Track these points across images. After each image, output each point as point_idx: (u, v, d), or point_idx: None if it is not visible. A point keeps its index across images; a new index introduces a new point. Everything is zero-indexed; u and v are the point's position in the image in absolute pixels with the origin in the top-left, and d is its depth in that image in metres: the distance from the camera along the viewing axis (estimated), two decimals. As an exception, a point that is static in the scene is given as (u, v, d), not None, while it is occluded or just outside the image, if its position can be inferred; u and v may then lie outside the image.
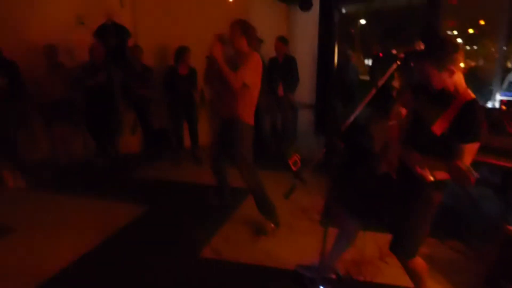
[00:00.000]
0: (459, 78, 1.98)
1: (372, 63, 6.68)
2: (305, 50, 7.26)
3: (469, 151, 1.93)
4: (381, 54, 6.12)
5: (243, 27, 3.35)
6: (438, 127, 1.95)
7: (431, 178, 1.83)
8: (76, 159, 5.27)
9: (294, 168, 1.80)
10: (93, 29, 5.47)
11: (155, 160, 5.67)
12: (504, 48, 6.08)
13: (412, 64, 4.64)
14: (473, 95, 1.97)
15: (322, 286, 2.44)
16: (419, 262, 2.28)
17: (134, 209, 3.96)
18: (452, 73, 1.93)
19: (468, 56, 8.60)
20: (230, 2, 6.34)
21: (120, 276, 2.86)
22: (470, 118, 1.92)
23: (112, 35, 5.53)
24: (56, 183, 4.70)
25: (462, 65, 1.96)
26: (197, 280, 2.82)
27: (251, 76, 3.27)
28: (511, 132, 3.04)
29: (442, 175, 1.85)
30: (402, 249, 2.24)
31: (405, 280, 2.47)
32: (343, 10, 7.94)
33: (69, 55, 5.30)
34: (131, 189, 4.67)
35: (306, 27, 7.29)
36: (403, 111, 2.23)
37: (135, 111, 5.65)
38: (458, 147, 1.93)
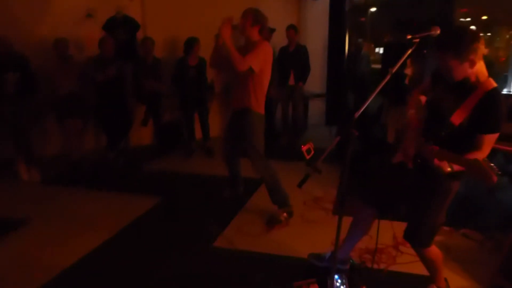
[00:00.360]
0: (480, 67, 1.92)
1: (384, 50, 6.59)
2: (316, 40, 7.19)
3: (488, 142, 1.90)
4: (394, 41, 6.03)
5: (255, 16, 3.31)
6: (457, 117, 1.90)
7: (449, 169, 1.79)
8: (88, 153, 5.31)
9: (307, 156, 1.78)
10: (102, 22, 5.48)
11: (167, 153, 5.70)
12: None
13: (425, 51, 4.56)
14: (495, 84, 1.91)
15: (337, 275, 2.43)
16: (434, 250, 2.26)
17: (146, 202, 3.98)
18: (473, 63, 1.86)
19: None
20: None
21: (135, 267, 2.88)
22: (491, 108, 1.87)
23: (121, 28, 5.54)
24: (69, 177, 4.75)
25: (484, 52, 1.89)
26: (211, 269, 2.83)
27: (259, 62, 3.22)
28: (528, 119, 2.98)
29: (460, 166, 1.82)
30: (417, 238, 2.22)
31: (420, 268, 2.46)
32: (354, -2, 7.84)
33: (78, 48, 5.33)
34: (143, 181, 4.70)
35: (317, 16, 7.21)
36: (423, 98, 2.19)
37: (145, 104, 5.66)
38: (478, 137, 1.89)
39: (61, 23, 5.19)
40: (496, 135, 1.91)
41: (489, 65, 1.98)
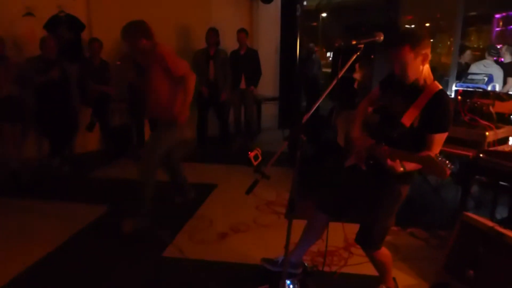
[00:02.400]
0: (427, 71, 2.01)
1: (333, 55, 6.74)
2: (267, 43, 7.23)
3: (438, 141, 1.96)
4: (338, 44, 6.19)
5: (136, 29, 3.26)
6: (408, 118, 1.96)
7: (401, 169, 1.84)
8: (29, 160, 4.99)
9: (254, 163, 1.75)
10: (43, 20, 5.19)
11: (115, 159, 5.48)
12: (459, 41, 6.30)
13: (372, 56, 4.69)
14: (440, 86, 1.99)
15: (289, 280, 2.42)
16: (384, 252, 2.32)
17: (94, 210, 3.81)
18: (426, 58, 1.95)
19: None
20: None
21: (80, 280, 2.73)
22: (440, 108, 1.93)
23: (64, 28, 5.27)
24: (8, 187, 4.44)
25: (429, 57, 1.98)
26: (160, 280, 2.73)
27: (158, 73, 3.27)
28: (467, 121, 3.13)
29: (412, 166, 1.87)
30: (368, 241, 2.26)
31: (370, 269, 2.49)
32: (304, 3, 7.96)
33: (17, 48, 5.00)
34: (90, 190, 4.48)
35: (269, 20, 7.25)
36: (369, 109, 2.27)
37: (92, 108, 5.41)
38: (428, 137, 1.96)
39: (-3, 21, 4.86)
40: (445, 134, 1.97)
41: (432, 70, 2.05)
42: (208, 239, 3.32)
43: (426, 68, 2.00)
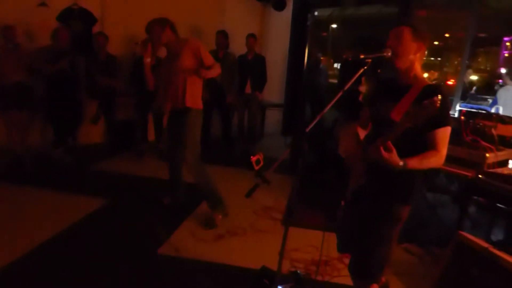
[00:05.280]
0: (418, 68, 1.98)
1: (341, 67, 6.78)
2: (276, 50, 7.27)
3: (442, 138, 1.85)
4: (350, 58, 6.22)
5: (159, 22, 3.42)
6: (397, 113, 1.86)
7: (401, 163, 1.74)
8: (33, 147, 5.03)
9: (256, 167, 1.77)
10: (57, 12, 5.24)
11: (117, 153, 5.51)
12: (467, 61, 6.33)
13: (379, 71, 4.72)
14: (431, 83, 1.94)
15: (280, 286, 2.43)
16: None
17: (92, 203, 3.83)
18: (419, 48, 1.93)
19: (432, 67, 8.88)
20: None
21: (75, 270, 2.75)
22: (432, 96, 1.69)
23: (77, 20, 5.33)
24: (11, 173, 4.47)
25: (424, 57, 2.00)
26: (154, 278, 2.75)
27: (189, 61, 3.39)
28: (468, 141, 3.15)
29: (414, 162, 1.79)
30: (364, 273, 2.10)
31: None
32: (316, 13, 8.01)
33: (29, 37, 5.06)
34: (90, 182, 4.51)
35: (279, 27, 7.29)
36: (361, 132, 2.23)
37: (98, 101, 5.46)
38: (429, 136, 1.85)
39: (12, 10, 4.92)
40: (447, 129, 1.86)
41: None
42: (204, 239, 3.33)
43: (418, 65, 1.98)
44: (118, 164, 5.13)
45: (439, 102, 1.55)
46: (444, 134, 1.85)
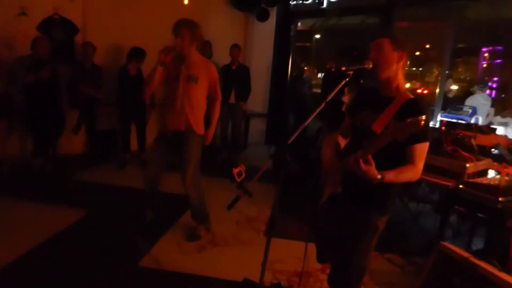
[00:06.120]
0: (401, 78, 2.00)
1: (324, 77, 6.84)
2: (260, 60, 7.31)
3: (420, 153, 1.86)
4: (333, 70, 6.28)
5: (192, 31, 3.16)
6: (378, 125, 1.87)
7: (379, 176, 1.74)
8: (11, 158, 4.91)
9: (238, 179, 1.75)
10: (37, 21, 5.17)
11: (98, 163, 5.42)
12: (447, 72, 6.47)
13: (361, 81, 4.77)
14: (412, 96, 1.94)
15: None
16: None
17: (72, 214, 3.74)
18: (401, 58, 1.95)
19: (413, 77, 9.04)
20: (186, 6, 6.25)
21: (55, 283, 2.68)
22: (415, 114, 1.64)
23: (58, 30, 5.26)
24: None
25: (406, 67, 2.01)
26: (134, 291, 2.69)
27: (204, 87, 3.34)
28: (449, 152, 3.20)
29: (391, 175, 1.79)
30: (342, 284, 2.10)
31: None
32: (299, 24, 8.09)
33: (8, 47, 4.96)
34: (70, 192, 4.41)
35: (263, 37, 7.34)
36: (342, 141, 2.24)
37: (79, 110, 5.37)
38: (408, 150, 1.85)
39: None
40: (425, 145, 1.87)
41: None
42: (186, 251, 3.29)
43: (401, 75, 1.99)
44: (99, 174, 5.03)
45: (423, 122, 1.54)
46: (422, 149, 1.87)
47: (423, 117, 1.54)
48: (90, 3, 5.66)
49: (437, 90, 6.38)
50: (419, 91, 8.03)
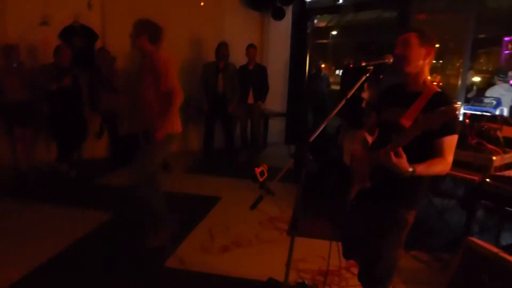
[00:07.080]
0: (428, 73, 1.97)
1: (343, 74, 6.78)
2: (277, 59, 7.29)
3: (449, 146, 1.84)
4: (351, 65, 6.22)
5: (142, 26, 3.23)
6: (407, 120, 1.85)
7: (410, 169, 1.72)
8: (38, 164, 5.05)
9: (260, 179, 1.76)
10: (58, 30, 5.31)
11: (121, 167, 5.51)
12: (469, 64, 6.32)
13: (381, 76, 4.71)
14: (439, 90, 1.93)
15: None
16: None
17: (98, 216, 3.83)
18: (428, 53, 1.92)
19: (434, 70, 8.88)
20: (203, 8, 6.30)
21: (83, 285, 2.74)
22: (444, 105, 1.66)
23: (79, 37, 5.38)
24: (17, 189, 4.49)
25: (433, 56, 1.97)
26: (160, 292, 2.73)
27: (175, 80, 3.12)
28: (474, 145, 3.13)
29: (421, 168, 1.76)
30: (373, 280, 2.08)
31: (370, 291, 2.46)
32: (315, 21, 8.04)
33: (31, 55, 5.11)
34: (96, 195, 4.51)
35: (279, 36, 7.32)
36: (369, 138, 2.21)
37: (101, 116, 5.48)
38: (436, 143, 1.84)
39: (14, 28, 5.01)
40: (454, 137, 1.85)
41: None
42: (210, 251, 3.31)
43: (427, 70, 1.97)
44: (123, 178, 5.11)
45: (457, 110, 1.53)
46: (452, 141, 1.85)
47: (457, 104, 1.52)
48: (109, 10, 5.77)
49: (459, 83, 6.23)
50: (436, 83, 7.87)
